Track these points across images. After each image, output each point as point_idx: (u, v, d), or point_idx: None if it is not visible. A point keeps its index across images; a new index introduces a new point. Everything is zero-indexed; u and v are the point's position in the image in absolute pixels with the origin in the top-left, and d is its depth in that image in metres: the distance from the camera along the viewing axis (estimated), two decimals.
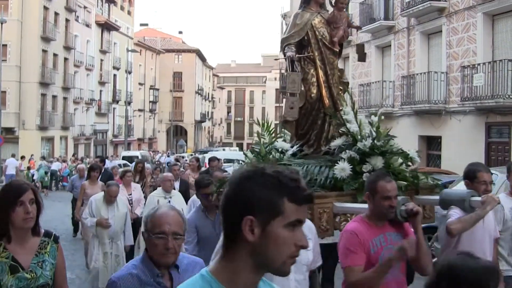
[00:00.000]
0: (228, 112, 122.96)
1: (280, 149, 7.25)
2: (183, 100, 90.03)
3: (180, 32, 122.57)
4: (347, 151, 6.67)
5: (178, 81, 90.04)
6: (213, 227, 7.10)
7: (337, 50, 7.74)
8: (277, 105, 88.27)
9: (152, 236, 3.71)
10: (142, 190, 13.71)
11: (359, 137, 6.77)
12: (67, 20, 54.36)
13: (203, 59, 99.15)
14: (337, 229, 6.30)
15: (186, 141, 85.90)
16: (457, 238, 5.61)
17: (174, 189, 11.09)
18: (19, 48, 47.18)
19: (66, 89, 53.94)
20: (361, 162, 6.58)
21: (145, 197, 13.01)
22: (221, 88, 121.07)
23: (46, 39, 49.19)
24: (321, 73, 7.53)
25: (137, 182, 14.12)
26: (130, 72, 62.60)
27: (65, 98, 54.24)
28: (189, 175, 14.92)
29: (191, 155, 51.11)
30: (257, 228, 2.08)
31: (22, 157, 38.60)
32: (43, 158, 40.03)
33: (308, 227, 4.54)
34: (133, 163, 18.19)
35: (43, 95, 49.79)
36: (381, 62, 29.86)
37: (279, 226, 2.08)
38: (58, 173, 39.00)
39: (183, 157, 53.25)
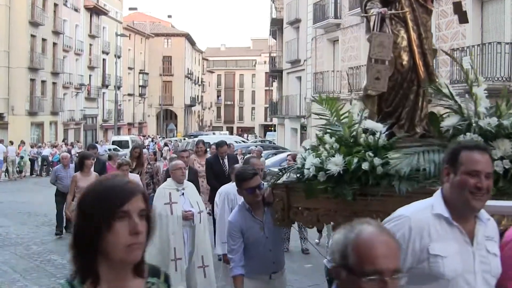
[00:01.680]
0: (218, 96, 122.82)
1: (370, 131, 5.42)
2: (173, 84, 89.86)
3: (169, 16, 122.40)
4: (468, 133, 5.13)
5: (168, 65, 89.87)
6: (261, 229, 5.84)
7: (432, 9, 6.28)
8: (267, 88, 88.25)
9: (358, 277, 2.31)
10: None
11: (470, 113, 5.35)
12: (55, 5, 53.95)
13: (192, 43, 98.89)
14: None
15: (176, 125, 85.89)
16: None
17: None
18: (7, 33, 46.80)
19: (55, 74, 53.66)
20: None
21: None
22: (211, 72, 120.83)
23: (34, 24, 48.82)
24: (413, 35, 5.98)
25: (134, 170, 12.84)
26: (119, 57, 62.35)
27: (54, 83, 53.94)
28: (194, 160, 13.65)
29: (184, 139, 51.16)
30: None
31: (11, 142, 38.42)
32: (23, 143, 39.48)
33: (493, 226, 3.49)
34: (128, 149, 16.30)
35: (32, 80, 49.50)
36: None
37: None
38: (50, 158, 38.90)
39: (170, 142, 53.40)
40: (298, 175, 5.58)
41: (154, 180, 14.01)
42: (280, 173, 6.00)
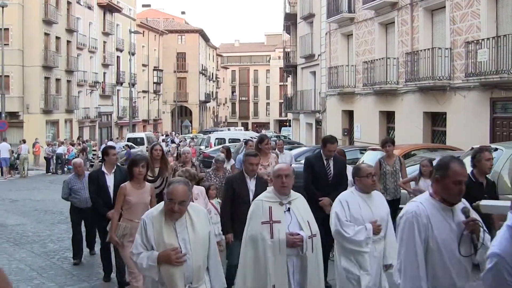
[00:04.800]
0: (233, 92, 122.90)
1: None
2: (187, 80, 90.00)
3: (183, 13, 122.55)
4: None
5: (182, 62, 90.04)
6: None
7: None
8: (282, 83, 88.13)
9: None
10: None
11: None
12: (68, 3, 54.18)
13: (206, 39, 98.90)
14: None
15: (191, 122, 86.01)
16: None
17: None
18: (21, 32, 47.09)
19: (69, 72, 53.89)
20: None
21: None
22: (225, 68, 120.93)
23: (48, 22, 49.04)
24: None
25: (156, 178, 10.11)
26: (133, 54, 62.49)
27: (68, 81, 54.22)
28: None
29: (193, 138, 50.88)
30: None
31: (24, 141, 38.52)
32: (23, 141, 38.96)
33: None
34: (143, 146, 12.30)
35: (47, 78, 49.75)
36: (385, 39, 29.67)
37: None
38: (64, 156, 39.05)
39: (185, 139, 52.46)
40: None
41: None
42: None
